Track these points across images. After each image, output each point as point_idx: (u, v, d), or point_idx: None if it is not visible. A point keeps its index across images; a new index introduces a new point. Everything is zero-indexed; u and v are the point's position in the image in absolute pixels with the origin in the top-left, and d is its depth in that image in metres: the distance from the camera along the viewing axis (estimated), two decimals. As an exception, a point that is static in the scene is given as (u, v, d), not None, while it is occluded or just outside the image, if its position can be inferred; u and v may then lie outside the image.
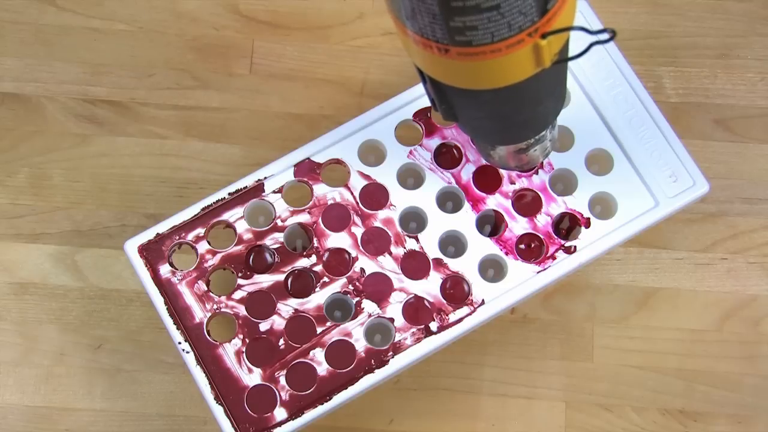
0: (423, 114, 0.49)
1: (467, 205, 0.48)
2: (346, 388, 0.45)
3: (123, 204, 0.60)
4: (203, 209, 0.47)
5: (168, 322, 0.46)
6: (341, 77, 0.62)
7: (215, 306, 0.46)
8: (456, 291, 0.47)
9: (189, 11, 0.63)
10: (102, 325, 0.58)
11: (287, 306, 0.46)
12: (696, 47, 0.63)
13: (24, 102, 0.61)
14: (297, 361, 0.46)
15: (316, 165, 0.48)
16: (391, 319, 0.46)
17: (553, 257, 0.47)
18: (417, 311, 0.46)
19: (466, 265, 0.47)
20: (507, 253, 0.47)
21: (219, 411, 0.45)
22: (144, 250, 0.47)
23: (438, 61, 0.33)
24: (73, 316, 0.58)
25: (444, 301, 0.46)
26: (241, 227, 0.47)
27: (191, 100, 0.62)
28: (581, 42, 0.34)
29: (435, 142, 0.49)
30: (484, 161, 0.48)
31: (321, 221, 0.47)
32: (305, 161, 0.48)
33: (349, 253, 0.47)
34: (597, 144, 0.48)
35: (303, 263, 0.47)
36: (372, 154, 0.49)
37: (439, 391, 0.57)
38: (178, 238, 0.47)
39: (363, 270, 0.47)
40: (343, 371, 0.45)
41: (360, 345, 0.46)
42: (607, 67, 0.49)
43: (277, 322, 0.46)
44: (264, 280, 0.47)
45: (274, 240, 0.47)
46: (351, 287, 0.47)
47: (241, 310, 0.46)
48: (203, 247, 0.47)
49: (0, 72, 0.62)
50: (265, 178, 0.48)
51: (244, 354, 0.46)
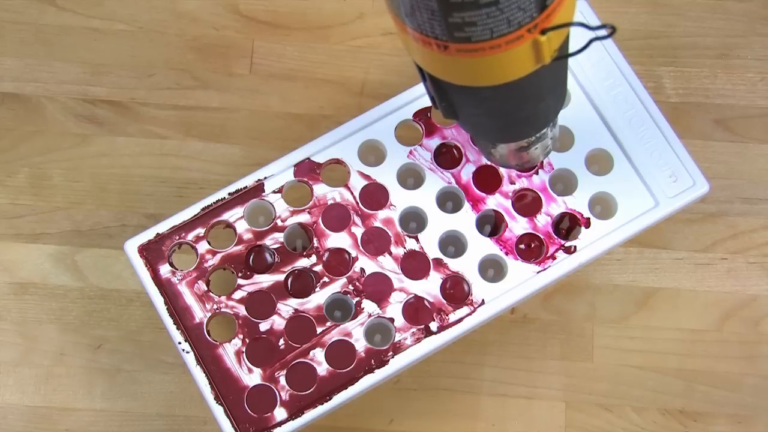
0: (423, 114, 0.49)
1: (467, 205, 0.48)
2: (346, 388, 0.45)
3: (123, 204, 0.60)
4: (203, 209, 0.47)
5: (168, 322, 0.46)
6: (341, 77, 0.62)
7: (215, 306, 0.46)
8: (456, 291, 0.47)
9: (189, 11, 0.63)
10: (102, 325, 0.58)
11: (287, 306, 0.46)
12: (696, 47, 0.63)
13: (24, 102, 0.61)
14: (297, 361, 0.46)
15: (316, 165, 0.48)
16: (391, 319, 0.46)
17: (553, 257, 0.47)
18: (417, 311, 0.46)
19: (466, 265, 0.47)
20: (507, 253, 0.47)
21: (219, 411, 0.45)
22: (144, 250, 0.47)
23: (437, 59, 0.33)
24: (73, 316, 0.58)
25: (444, 301, 0.46)
26: (241, 227, 0.47)
27: (191, 100, 0.62)
28: (582, 39, 0.34)
29: (435, 142, 0.48)
30: (484, 161, 0.48)
31: (321, 221, 0.47)
32: (305, 161, 0.48)
33: (349, 253, 0.47)
34: (597, 144, 0.48)
35: (303, 263, 0.47)
36: (372, 154, 0.49)
37: (439, 391, 0.57)
38: (178, 238, 0.47)
39: (363, 270, 0.47)
40: (343, 371, 0.45)
41: (360, 345, 0.46)
42: (607, 67, 0.49)
43: (277, 322, 0.46)
44: (264, 280, 0.47)
45: (274, 240, 0.47)
46: (351, 287, 0.47)
47: (241, 310, 0.46)
48: (203, 247, 0.47)
49: (0, 72, 0.62)
50: (265, 178, 0.48)
51: (244, 354, 0.46)
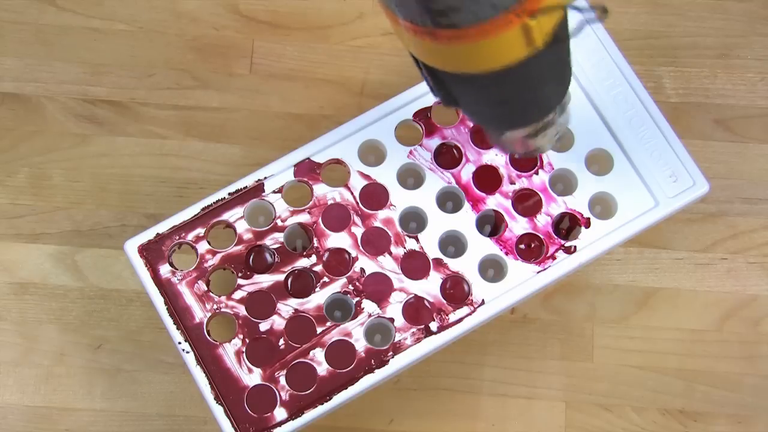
0: (423, 114, 0.49)
1: (467, 205, 0.48)
2: (346, 388, 0.45)
3: (123, 204, 0.60)
4: (203, 209, 0.47)
5: (168, 322, 0.46)
6: (341, 77, 0.62)
7: (215, 306, 0.46)
8: (456, 291, 0.47)
9: (189, 11, 0.63)
10: (102, 325, 0.58)
11: (287, 306, 0.46)
12: (696, 47, 0.63)
13: (24, 102, 0.61)
14: (297, 361, 0.46)
15: (316, 165, 0.48)
16: (391, 319, 0.46)
17: (553, 257, 0.47)
18: (417, 311, 0.46)
19: (466, 265, 0.47)
20: (507, 253, 0.47)
21: (219, 411, 0.45)
22: (144, 250, 0.47)
23: (429, 47, 0.33)
24: (73, 316, 0.58)
25: (444, 301, 0.46)
26: (241, 227, 0.47)
27: (191, 100, 0.62)
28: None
29: (435, 142, 0.48)
30: (484, 161, 0.48)
31: (321, 221, 0.47)
32: (305, 161, 0.48)
33: (349, 253, 0.47)
34: (597, 144, 0.48)
35: (303, 263, 0.47)
36: (372, 154, 0.49)
37: (439, 391, 0.57)
38: (178, 238, 0.47)
39: (363, 270, 0.47)
40: (343, 371, 0.45)
41: (360, 345, 0.46)
42: (607, 67, 0.49)
43: (277, 322, 0.46)
44: (264, 280, 0.47)
45: (274, 240, 0.47)
46: (351, 287, 0.47)
47: (241, 310, 0.46)
48: (203, 247, 0.47)
49: (0, 72, 0.62)
50: (265, 178, 0.48)
51: (244, 354, 0.46)
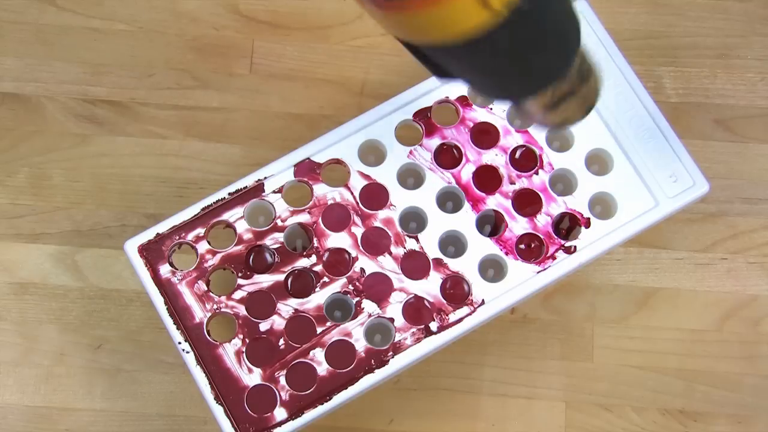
0: (423, 114, 0.49)
1: (467, 205, 0.48)
2: (346, 388, 0.45)
3: (123, 204, 0.60)
4: (203, 209, 0.47)
5: (168, 322, 0.46)
6: (341, 77, 0.62)
7: (215, 306, 0.46)
8: (456, 291, 0.47)
9: (189, 11, 0.63)
10: (102, 325, 0.58)
11: (287, 306, 0.46)
12: (696, 47, 0.63)
13: (24, 102, 0.61)
14: (297, 361, 0.46)
15: (316, 165, 0.48)
16: (391, 319, 0.46)
17: (553, 257, 0.47)
18: (417, 311, 0.46)
19: (466, 265, 0.47)
20: (507, 253, 0.47)
21: (219, 411, 0.45)
22: (144, 250, 0.47)
23: (389, 18, 0.32)
24: (73, 316, 0.58)
25: (444, 301, 0.46)
26: (241, 227, 0.47)
27: (191, 100, 0.62)
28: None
29: (435, 142, 0.48)
30: (484, 161, 0.48)
31: (321, 221, 0.47)
32: (305, 161, 0.48)
33: (349, 253, 0.47)
34: (597, 144, 0.48)
35: (303, 263, 0.47)
36: (372, 154, 0.49)
37: (439, 391, 0.57)
38: (178, 238, 0.47)
39: (363, 270, 0.47)
40: (343, 371, 0.45)
41: (360, 345, 0.46)
42: (607, 67, 0.49)
43: (277, 322, 0.46)
44: (264, 280, 0.47)
45: (274, 240, 0.47)
46: (351, 287, 0.47)
47: (241, 310, 0.46)
48: (203, 247, 0.47)
49: (0, 72, 0.62)
50: (265, 178, 0.48)
51: (244, 354, 0.46)
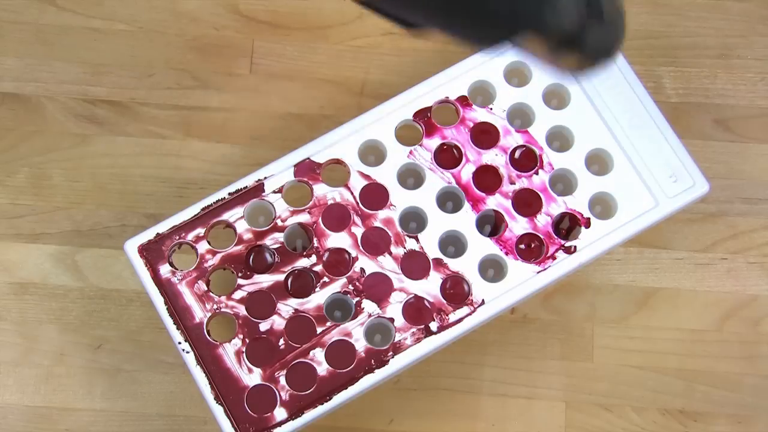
0: (423, 114, 0.49)
1: (467, 205, 0.48)
2: (346, 388, 0.45)
3: (123, 204, 0.60)
4: (203, 209, 0.47)
5: (168, 322, 0.46)
6: (341, 77, 0.62)
7: (215, 306, 0.46)
8: (456, 291, 0.47)
9: (189, 11, 0.63)
10: (102, 325, 0.58)
11: (287, 306, 0.46)
12: (696, 47, 0.63)
13: (24, 102, 0.61)
14: (297, 361, 0.46)
15: (316, 165, 0.48)
16: (391, 319, 0.46)
17: (553, 257, 0.47)
18: (417, 311, 0.46)
19: (466, 265, 0.47)
20: (507, 253, 0.47)
21: (219, 411, 0.45)
22: (144, 250, 0.47)
23: None
24: (73, 316, 0.58)
25: (444, 301, 0.46)
26: (241, 227, 0.47)
27: (191, 100, 0.62)
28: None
29: (435, 142, 0.48)
30: (484, 161, 0.48)
31: (321, 221, 0.47)
32: (305, 161, 0.48)
33: (349, 253, 0.47)
34: (597, 144, 0.48)
35: (303, 263, 0.47)
36: (372, 154, 0.49)
37: (439, 391, 0.57)
38: (178, 238, 0.47)
39: (363, 270, 0.47)
40: (343, 371, 0.45)
41: (360, 345, 0.46)
42: (608, 68, 0.49)
43: (277, 322, 0.46)
44: (264, 280, 0.47)
45: (274, 240, 0.47)
46: (351, 287, 0.47)
47: (241, 310, 0.46)
48: (203, 247, 0.47)
49: (0, 72, 0.62)
50: (265, 178, 0.48)
51: (244, 354, 0.46)
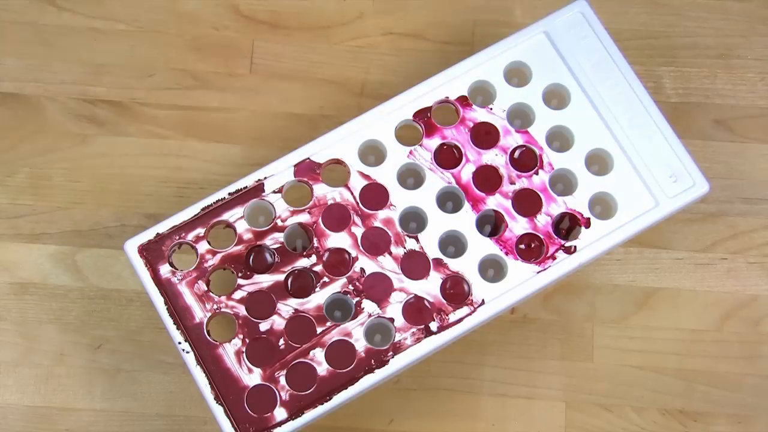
0: (423, 114, 0.49)
1: (467, 205, 0.48)
2: (346, 388, 0.45)
3: (123, 204, 0.60)
4: (203, 209, 0.47)
5: (168, 322, 0.46)
6: (341, 77, 0.62)
7: (215, 306, 0.46)
8: (456, 291, 0.47)
9: (189, 11, 0.63)
10: (102, 325, 0.58)
11: (287, 306, 0.46)
12: (696, 47, 0.63)
13: (24, 102, 0.61)
14: (297, 361, 0.46)
15: (316, 165, 0.48)
16: (391, 319, 0.46)
17: (553, 257, 0.47)
18: (417, 311, 0.46)
19: (466, 265, 0.47)
20: (507, 253, 0.47)
21: (219, 411, 0.45)
22: (144, 250, 0.47)
23: None
24: (73, 316, 0.58)
25: (444, 301, 0.46)
26: (241, 227, 0.47)
27: (191, 100, 0.62)
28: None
29: (435, 142, 0.48)
30: (484, 161, 0.48)
31: (321, 221, 0.47)
32: (305, 161, 0.48)
33: (349, 253, 0.47)
34: (597, 144, 0.48)
35: (303, 263, 0.47)
36: (372, 154, 0.49)
37: (439, 391, 0.57)
38: (178, 238, 0.47)
39: (363, 270, 0.47)
40: (343, 371, 0.45)
41: (360, 345, 0.46)
42: (607, 67, 0.49)
43: (277, 322, 0.46)
44: (264, 280, 0.47)
45: (274, 240, 0.47)
46: (351, 287, 0.47)
47: (241, 310, 0.46)
48: (203, 247, 0.47)
49: (0, 72, 0.62)
50: (265, 178, 0.48)
51: (244, 354, 0.46)
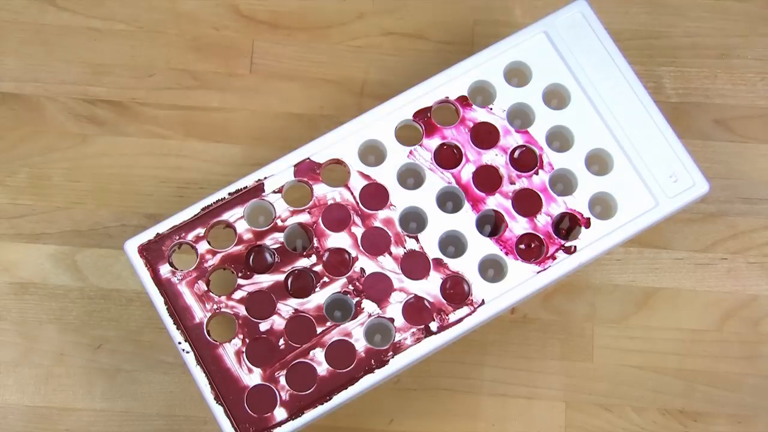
0: (423, 114, 0.49)
1: (467, 205, 0.48)
2: (346, 388, 0.45)
3: (123, 204, 0.60)
4: (203, 209, 0.47)
5: (168, 322, 0.46)
6: (341, 77, 0.62)
7: (215, 306, 0.46)
8: (456, 291, 0.47)
9: (189, 11, 0.63)
10: (102, 325, 0.58)
11: (287, 306, 0.46)
12: (696, 47, 0.63)
13: (24, 102, 0.61)
14: (297, 361, 0.46)
15: (316, 165, 0.48)
16: (391, 319, 0.46)
17: (553, 257, 0.47)
18: (417, 311, 0.46)
19: (466, 265, 0.47)
20: (507, 253, 0.47)
21: (219, 411, 0.45)
22: (144, 250, 0.47)
23: None
24: (73, 316, 0.58)
25: (444, 301, 0.46)
26: (241, 227, 0.47)
27: (191, 100, 0.62)
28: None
29: (435, 142, 0.48)
30: (484, 161, 0.48)
31: (321, 221, 0.47)
32: (305, 161, 0.48)
33: (349, 253, 0.47)
34: (597, 144, 0.48)
35: (303, 263, 0.47)
36: (372, 154, 0.49)
37: (439, 391, 0.57)
38: (178, 238, 0.47)
39: (363, 270, 0.47)
40: (343, 371, 0.45)
41: (360, 345, 0.46)
42: (607, 67, 0.49)
43: (277, 322, 0.46)
44: (264, 280, 0.47)
45: (274, 240, 0.47)
46: (351, 287, 0.47)
47: (241, 310, 0.46)
48: (203, 247, 0.47)
49: (0, 72, 0.62)
50: (265, 178, 0.48)
51: (244, 354, 0.46)
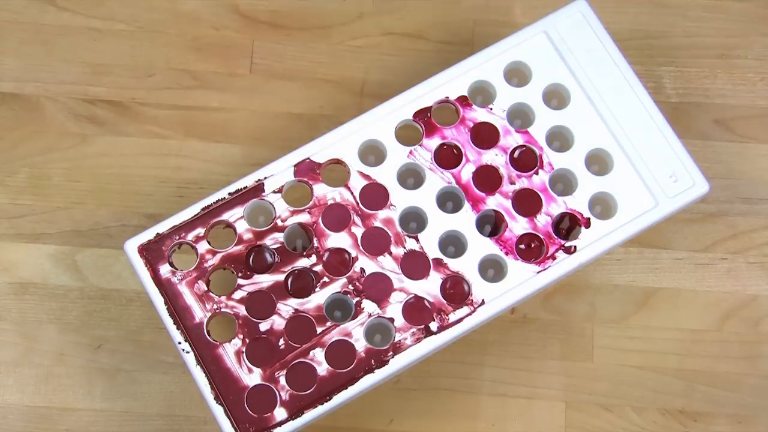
0: (423, 114, 0.49)
1: (467, 205, 0.48)
2: (346, 388, 0.45)
3: (123, 204, 0.60)
4: (203, 209, 0.47)
5: (168, 322, 0.46)
6: (341, 77, 0.62)
7: (215, 306, 0.46)
8: (456, 291, 0.47)
9: (189, 11, 0.63)
10: (102, 325, 0.58)
11: (287, 306, 0.46)
12: (696, 47, 0.63)
13: (24, 102, 0.61)
14: (297, 361, 0.46)
15: (316, 165, 0.48)
16: (391, 319, 0.46)
17: (553, 257, 0.47)
18: (417, 311, 0.46)
19: (466, 265, 0.47)
20: (507, 253, 0.47)
21: (219, 411, 0.45)
22: (144, 250, 0.47)
23: None
24: (73, 316, 0.58)
25: (444, 301, 0.46)
26: (241, 227, 0.47)
27: (191, 100, 0.62)
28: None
29: (435, 142, 0.48)
30: (484, 161, 0.48)
31: (321, 221, 0.47)
32: (305, 161, 0.48)
33: (349, 253, 0.47)
34: (597, 144, 0.48)
35: (303, 263, 0.47)
36: (372, 154, 0.49)
37: (439, 391, 0.57)
38: (178, 238, 0.47)
39: (363, 270, 0.47)
40: (343, 371, 0.45)
41: (360, 345, 0.46)
42: (607, 67, 0.49)
43: (277, 322, 0.46)
44: (264, 280, 0.47)
45: (274, 240, 0.47)
46: (351, 287, 0.47)
47: (241, 310, 0.46)
48: (203, 247, 0.47)
49: (0, 72, 0.62)
50: (265, 178, 0.48)
51: (244, 354, 0.46)
